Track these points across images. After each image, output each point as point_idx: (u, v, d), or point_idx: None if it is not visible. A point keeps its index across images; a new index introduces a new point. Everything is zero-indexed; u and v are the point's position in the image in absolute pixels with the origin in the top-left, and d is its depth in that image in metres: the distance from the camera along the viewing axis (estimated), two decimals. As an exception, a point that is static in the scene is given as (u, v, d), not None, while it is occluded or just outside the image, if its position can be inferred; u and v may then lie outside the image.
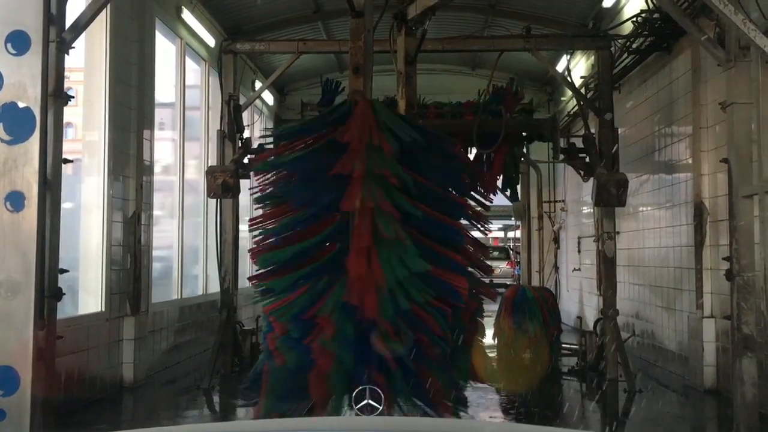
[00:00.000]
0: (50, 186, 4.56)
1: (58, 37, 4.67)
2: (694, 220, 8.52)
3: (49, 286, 4.51)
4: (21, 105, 4.38)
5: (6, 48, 4.36)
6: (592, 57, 11.30)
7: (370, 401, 2.23)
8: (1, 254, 4.33)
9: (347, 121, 4.56)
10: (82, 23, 4.93)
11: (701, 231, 8.37)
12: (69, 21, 4.82)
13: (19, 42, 4.38)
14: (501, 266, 25.70)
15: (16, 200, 4.34)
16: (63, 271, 4.73)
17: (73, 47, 4.87)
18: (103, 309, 7.94)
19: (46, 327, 4.45)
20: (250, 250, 4.79)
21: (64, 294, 4.73)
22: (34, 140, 4.38)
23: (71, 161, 5.31)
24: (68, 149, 5.01)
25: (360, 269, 4.25)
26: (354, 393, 2.24)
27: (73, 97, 4.92)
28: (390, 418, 2.98)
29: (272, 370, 4.33)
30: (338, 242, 4.48)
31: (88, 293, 7.90)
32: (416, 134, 4.64)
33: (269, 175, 4.74)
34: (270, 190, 4.72)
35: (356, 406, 2.25)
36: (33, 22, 4.43)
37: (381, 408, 2.26)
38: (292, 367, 4.24)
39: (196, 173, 11.35)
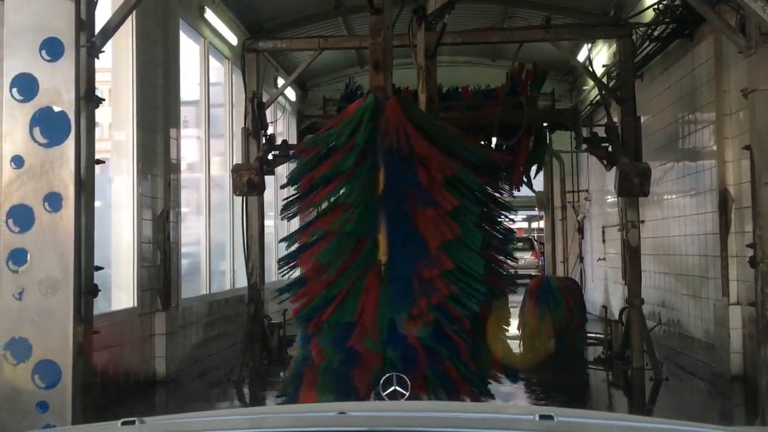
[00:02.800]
0: (84, 186, 4.71)
1: (88, 41, 4.82)
2: (718, 207, 8.48)
3: (85, 283, 4.67)
4: (56, 109, 4.53)
5: (41, 54, 4.52)
6: (614, 45, 11.24)
7: (398, 387, 2.32)
8: (40, 253, 4.50)
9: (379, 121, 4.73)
10: (111, 27, 5.07)
11: (726, 218, 8.33)
12: (98, 26, 4.97)
13: (52, 48, 4.53)
14: (525, 257, 25.61)
15: (54, 201, 4.50)
16: (98, 268, 4.90)
17: (103, 51, 5.01)
18: (136, 305, 8.14)
19: (83, 322, 4.61)
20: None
21: (100, 290, 4.90)
22: (70, 142, 4.53)
23: (103, 162, 5.47)
24: (97, 149, 5.16)
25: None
26: (381, 380, 2.34)
27: (104, 99, 5.06)
28: (421, 402, 3.06)
29: (319, 370, 4.50)
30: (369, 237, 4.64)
31: (120, 290, 8.10)
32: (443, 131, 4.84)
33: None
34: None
35: (384, 392, 2.35)
36: (65, 29, 4.58)
37: (407, 394, 2.35)
38: (336, 365, 4.43)
39: (221, 170, 11.53)
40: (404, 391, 2.36)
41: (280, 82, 13.34)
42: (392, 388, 2.35)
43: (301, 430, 1.64)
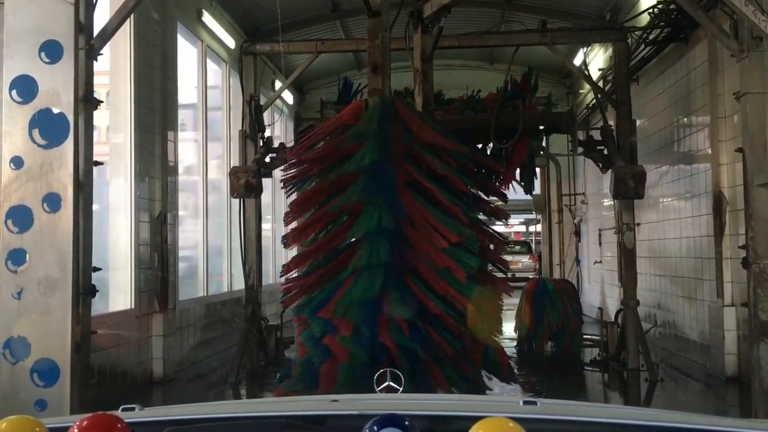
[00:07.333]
0: (82, 187, 4.75)
1: (87, 44, 4.86)
2: (713, 210, 8.54)
3: (83, 282, 4.71)
4: (55, 111, 4.58)
5: (40, 57, 4.57)
6: (610, 49, 11.31)
7: (391, 383, 2.36)
8: (39, 253, 4.54)
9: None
10: (110, 30, 5.12)
11: (720, 221, 8.39)
12: (96, 28, 5.01)
13: (52, 51, 4.57)
14: (523, 260, 25.73)
15: (53, 202, 4.55)
16: (96, 269, 4.93)
17: (101, 53, 5.06)
18: (133, 306, 8.16)
19: (81, 322, 4.65)
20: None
21: (98, 291, 4.93)
22: (68, 144, 4.58)
23: (102, 163, 5.51)
24: (95, 152, 5.19)
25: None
26: (375, 375, 2.37)
27: (102, 101, 5.11)
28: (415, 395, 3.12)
29: (345, 367, 4.55)
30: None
31: (117, 292, 8.12)
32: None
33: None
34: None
35: (378, 387, 2.38)
36: (65, 31, 4.62)
37: (401, 390, 2.39)
38: (364, 362, 4.49)
39: (218, 173, 11.56)
40: (398, 387, 2.39)
41: (278, 85, 13.39)
42: (386, 384, 2.39)
43: (295, 413, 1.68)
